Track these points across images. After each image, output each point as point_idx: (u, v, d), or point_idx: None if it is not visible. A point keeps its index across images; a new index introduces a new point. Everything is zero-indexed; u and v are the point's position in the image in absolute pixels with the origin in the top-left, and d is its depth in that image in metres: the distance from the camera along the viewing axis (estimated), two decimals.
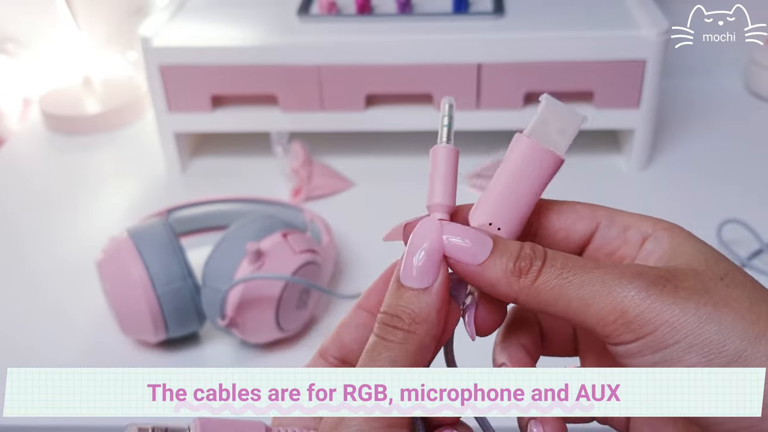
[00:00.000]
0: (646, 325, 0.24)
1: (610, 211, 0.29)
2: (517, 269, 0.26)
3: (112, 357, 0.63)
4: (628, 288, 0.25)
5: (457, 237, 0.27)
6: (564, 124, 0.28)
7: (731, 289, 0.25)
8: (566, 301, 0.26)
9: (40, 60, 1.05)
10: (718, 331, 0.24)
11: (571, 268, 0.26)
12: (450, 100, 0.29)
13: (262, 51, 0.79)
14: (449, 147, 0.28)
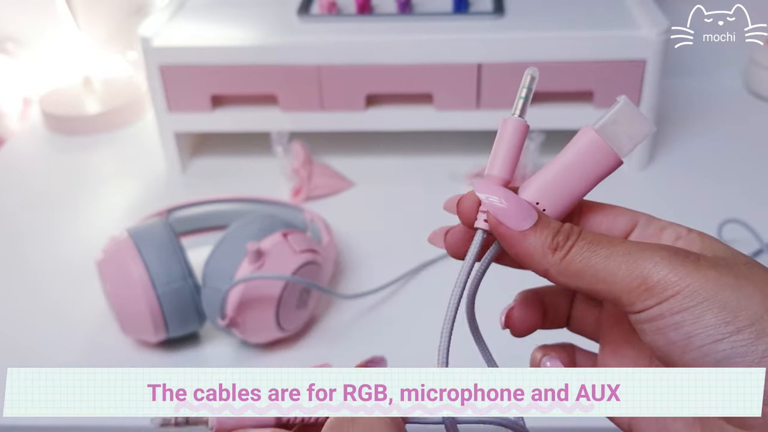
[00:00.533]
0: (668, 288, 0.25)
1: (649, 216, 0.31)
2: (555, 243, 0.28)
3: (112, 357, 0.63)
4: (653, 257, 0.26)
5: (505, 201, 0.28)
6: (634, 130, 0.28)
7: (753, 269, 0.26)
8: (593, 273, 0.27)
9: (40, 60, 1.05)
10: (737, 298, 0.25)
11: (599, 242, 0.27)
12: (533, 71, 0.30)
13: (262, 51, 0.79)
14: (520, 121, 0.29)
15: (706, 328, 0.25)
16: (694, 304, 0.25)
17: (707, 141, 0.91)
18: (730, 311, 0.25)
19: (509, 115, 0.30)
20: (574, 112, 0.81)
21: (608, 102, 0.80)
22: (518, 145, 0.29)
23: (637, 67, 0.77)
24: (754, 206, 0.77)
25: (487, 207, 0.29)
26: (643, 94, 0.79)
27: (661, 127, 0.90)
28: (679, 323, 0.25)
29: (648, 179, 0.84)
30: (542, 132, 0.81)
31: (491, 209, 0.28)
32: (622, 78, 0.78)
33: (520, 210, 0.28)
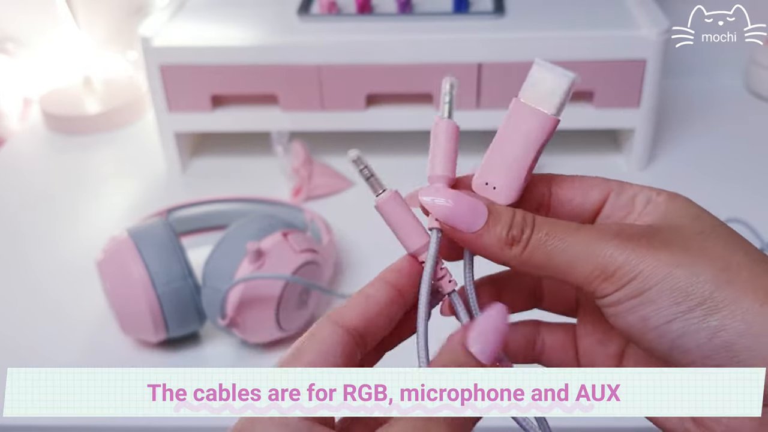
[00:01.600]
0: (625, 275, 0.26)
1: (621, 182, 0.31)
2: (510, 238, 0.28)
3: (112, 357, 0.63)
4: (607, 246, 0.27)
5: (452, 201, 0.28)
6: (553, 85, 0.28)
7: (708, 240, 0.27)
8: (554, 266, 0.27)
9: (40, 60, 1.05)
10: (688, 276, 0.25)
11: (556, 234, 0.27)
12: (451, 80, 0.31)
13: (262, 51, 0.79)
14: (450, 121, 0.30)
15: (660, 310, 0.26)
16: (647, 288, 0.26)
17: (707, 141, 0.91)
18: (681, 291, 0.25)
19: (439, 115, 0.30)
20: (574, 112, 0.81)
21: (609, 102, 0.80)
22: (454, 143, 0.30)
23: (637, 67, 0.77)
24: (755, 206, 0.77)
25: (435, 212, 0.28)
26: (643, 93, 0.79)
27: (661, 126, 0.90)
28: (635, 307, 0.26)
29: (648, 179, 0.84)
30: None
31: (440, 214, 0.28)
32: (622, 78, 0.78)
33: (469, 209, 0.28)
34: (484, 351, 0.27)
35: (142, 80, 1.02)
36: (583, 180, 0.31)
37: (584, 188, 0.30)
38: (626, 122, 0.82)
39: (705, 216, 0.28)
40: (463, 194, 0.29)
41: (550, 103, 0.28)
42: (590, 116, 0.81)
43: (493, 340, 0.27)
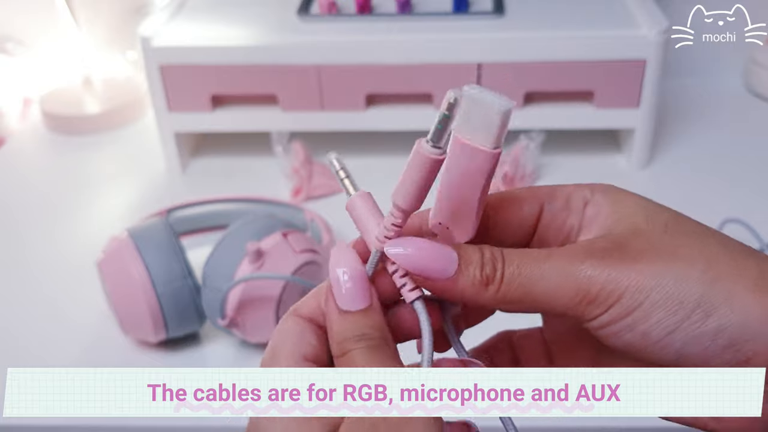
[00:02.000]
0: (610, 295, 0.25)
1: (550, 188, 0.30)
2: (485, 278, 0.27)
3: (112, 357, 0.63)
4: (584, 268, 0.26)
5: (421, 252, 0.27)
6: (485, 118, 0.26)
7: (676, 238, 0.26)
8: (532, 298, 0.26)
9: (40, 60, 1.05)
10: (675, 283, 0.25)
11: (528, 264, 0.26)
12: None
13: (262, 51, 0.79)
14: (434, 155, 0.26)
15: (659, 322, 0.25)
16: (639, 303, 0.25)
17: (707, 141, 0.91)
18: (675, 299, 0.25)
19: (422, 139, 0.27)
20: (574, 112, 0.81)
21: (609, 101, 0.80)
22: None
23: (637, 67, 0.77)
24: (754, 206, 0.77)
25: (404, 263, 0.27)
26: (643, 93, 0.79)
27: (662, 126, 0.90)
28: (632, 325, 0.25)
29: (648, 178, 0.84)
30: (542, 132, 0.81)
31: (409, 265, 0.27)
32: (622, 78, 0.78)
33: (439, 255, 0.27)
34: None
35: (142, 80, 1.02)
36: (513, 198, 0.30)
37: (517, 204, 0.30)
38: (626, 122, 0.82)
39: (655, 210, 0.28)
40: (429, 241, 0.27)
41: (487, 138, 0.26)
42: (590, 116, 0.81)
43: None
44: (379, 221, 0.29)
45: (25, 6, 1.03)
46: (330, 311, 0.28)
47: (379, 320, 0.27)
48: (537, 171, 0.84)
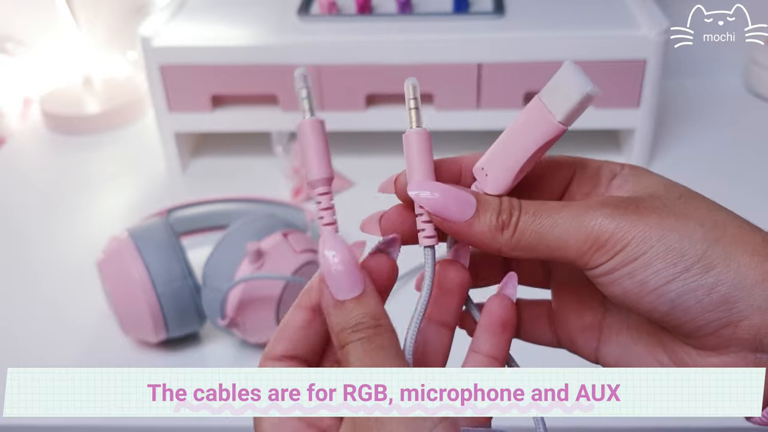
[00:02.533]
0: (617, 243, 0.27)
1: (584, 159, 0.32)
2: (500, 223, 0.28)
3: (112, 357, 0.63)
4: (596, 216, 0.27)
5: (438, 193, 0.29)
6: (569, 92, 0.28)
7: (689, 204, 0.28)
8: (545, 244, 0.28)
9: (40, 60, 1.05)
10: (680, 239, 0.26)
11: (543, 212, 0.28)
12: (414, 81, 0.31)
13: (262, 51, 0.79)
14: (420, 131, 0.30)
15: (657, 272, 0.26)
16: (642, 252, 0.26)
17: (707, 141, 0.91)
18: (677, 252, 0.26)
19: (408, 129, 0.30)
20: None
21: (609, 101, 0.80)
22: (429, 153, 0.30)
23: (637, 67, 0.77)
24: (754, 206, 0.77)
25: (424, 204, 0.29)
26: (643, 93, 0.79)
27: (662, 126, 0.90)
28: (632, 272, 0.27)
29: None
30: None
31: (429, 206, 0.29)
32: (622, 78, 0.78)
33: (457, 199, 0.29)
34: None
35: (142, 80, 1.02)
36: (552, 160, 0.31)
37: (551, 169, 0.31)
38: (626, 122, 0.82)
39: (674, 184, 0.29)
40: (451, 186, 0.29)
41: (561, 110, 0.28)
42: (590, 116, 0.81)
43: None
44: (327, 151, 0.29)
45: (25, 6, 1.03)
46: (326, 304, 0.28)
47: (374, 305, 0.28)
48: None
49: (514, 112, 0.81)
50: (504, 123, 0.91)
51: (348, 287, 0.28)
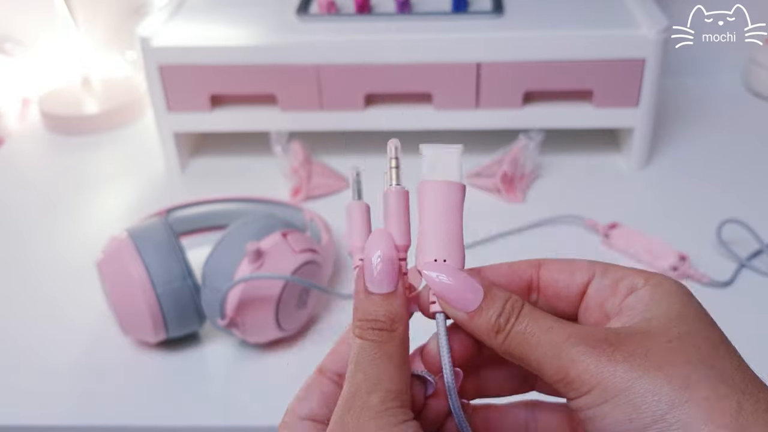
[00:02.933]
0: (584, 385, 0.26)
1: (605, 264, 0.31)
2: (497, 325, 0.28)
3: (112, 357, 0.63)
4: (570, 352, 0.27)
5: (452, 281, 0.29)
6: (447, 160, 0.31)
7: (675, 351, 0.26)
8: (528, 361, 0.28)
9: (39, 60, 1.05)
10: (643, 394, 0.25)
11: (533, 330, 0.28)
12: (395, 142, 0.33)
13: (261, 50, 0.79)
14: (399, 189, 0.31)
15: (614, 425, 0.26)
16: (603, 401, 0.26)
17: (707, 140, 0.91)
18: (635, 408, 0.25)
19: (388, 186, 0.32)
20: (573, 112, 0.81)
21: (608, 101, 0.80)
22: (406, 211, 0.31)
23: (636, 66, 0.77)
24: (754, 206, 0.77)
25: (436, 287, 0.29)
26: (643, 93, 0.79)
27: (661, 126, 0.90)
28: (593, 418, 0.26)
29: (647, 178, 0.84)
30: (542, 131, 0.81)
31: (440, 290, 0.29)
32: (622, 77, 0.78)
33: (468, 288, 0.29)
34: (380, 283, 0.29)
35: (141, 80, 1.02)
36: (570, 263, 0.31)
37: (570, 270, 0.31)
38: (625, 122, 0.82)
39: (687, 313, 0.28)
40: (464, 275, 0.29)
41: (452, 174, 0.30)
42: (589, 116, 0.81)
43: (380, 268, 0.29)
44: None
45: (24, 6, 1.03)
46: (357, 291, 0.30)
47: (397, 308, 0.29)
48: (536, 170, 0.84)
49: (514, 111, 0.81)
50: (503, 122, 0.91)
51: (381, 282, 0.29)
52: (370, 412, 0.27)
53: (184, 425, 0.58)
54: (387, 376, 0.28)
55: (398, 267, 0.30)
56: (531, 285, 0.31)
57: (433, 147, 0.31)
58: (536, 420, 0.33)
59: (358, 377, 0.28)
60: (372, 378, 0.28)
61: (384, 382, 0.28)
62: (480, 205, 0.80)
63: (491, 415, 0.33)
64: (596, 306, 0.30)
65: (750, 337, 0.63)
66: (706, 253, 0.71)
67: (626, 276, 0.30)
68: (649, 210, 0.79)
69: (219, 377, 0.62)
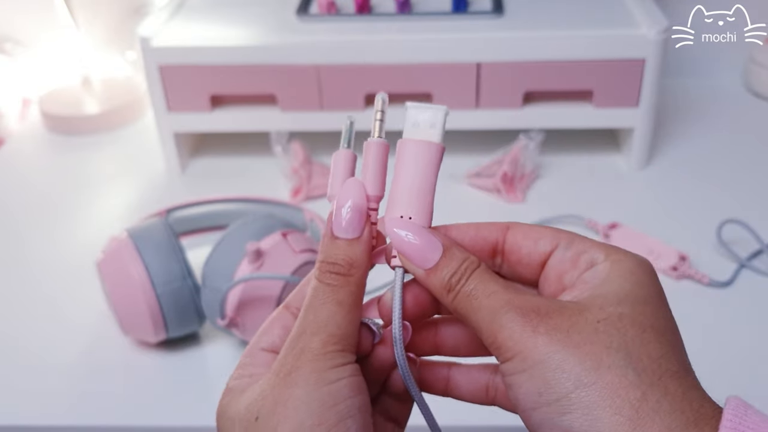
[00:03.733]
0: (507, 351, 0.27)
1: (572, 236, 0.31)
2: (449, 284, 0.29)
3: (112, 357, 0.63)
4: (504, 317, 0.27)
5: (413, 237, 0.30)
6: (431, 119, 0.31)
7: (598, 332, 0.26)
8: (469, 322, 0.29)
9: (40, 60, 1.05)
10: (554, 369, 0.25)
11: (477, 293, 0.28)
12: (384, 96, 0.33)
13: (261, 51, 0.79)
14: (380, 141, 0.32)
15: (526, 395, 0.26)
16: (520, 371, 0.26)
17: (707, 140, 0.91)
18: (546, 382, 0.25)
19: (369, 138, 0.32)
20: (573, 111, 0.81)
21: (608, 101, 0.80)
22: (383, 163, 0.31)
23: (636, 66, 0.77)
24: (754, 206, 0.77)
25: (399, 244, 0.30)
26: (643, 93, 0.79)
27: (661, 126, 0.90)
28: (511, 385, 0.27)
29: (647, 178, 0.84)
30: (541, 131, 0.81)
31: (402, 246, 0.30)
32: (622, 77, 0.78)
33: (429, 246, 0.29)
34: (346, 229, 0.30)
35: (141, 80, 1.02)
36: (535, 229, 0.31)
37: (535, 238, 0.31)
38: (625, 122, 0.82)
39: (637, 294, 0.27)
40: (427, 231, 0.30)
41: (433, 135, 0.31)
42: (589, 116, 0.81)
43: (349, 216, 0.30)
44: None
45: (25, 6, 1.03)
46: (324, 234, 0.30)
47: (359, 254, 0.30)
48: (536, 170, 0.84)
49: (514, 111, 0.81)
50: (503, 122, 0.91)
51: (347, 228, 0.30)
52: (309, 354, 0.28)
53: (184, 425, 0.58)
54: (333, 320, 0.29)
55: (366, 216, 0.30)
56: (496, 248, 0.31)
57: (418, 105, 0.31)
58: (496, 385, 0.33)
59: (308, 319, 0.29)
60: (319, 321, 0.29)
61: (329, 326, 0.29)
62: (480, 205, 0.80)
63: (452, 374, 0.34)
64: (555, 277, 0.30)
65: (750, 337, 0.63)
66: (706, 253, 0.71)
67: (588, 249, 0.29)
68: (649, 210, 0.79)
69: (219, 377, 0.62)
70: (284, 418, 0.27)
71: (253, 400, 0.29)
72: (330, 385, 0.28)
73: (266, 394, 0.28)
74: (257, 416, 0.28)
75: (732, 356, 0.60)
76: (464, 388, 0.33)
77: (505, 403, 0.33)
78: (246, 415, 0.28)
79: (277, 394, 0.28)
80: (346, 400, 0.28)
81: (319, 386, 0.28)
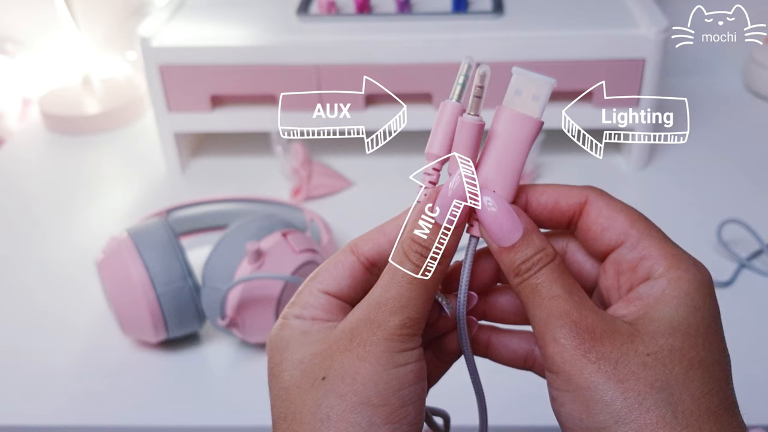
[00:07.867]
0: (554, 366, 0.27)
1: (641, 234, 0.30)
2: (519, 269, 0.29)
3: (112, 357, 0.63)
4: (558, 331, 0.27)
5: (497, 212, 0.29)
6: (536, 91, 0.30)
7: (646, 368, 0.26)
8: (527, 309, 0.29)
9: (40, 60, 1.05)
10: (597, 401, 0.26)
11: (540, 291, 0.28)
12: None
13: (261, 51, 0.79)
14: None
15: (568, 416, 0.27)
16: (564, 390, 0.27)
17: (707, 140, 0.91)
18: (587, 409, 0.26)
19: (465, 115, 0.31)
20: (573, 112, 0.81)
21: (607, 101, 0.80)
22: (477, 145, 0.30)
23: (636, 66, 0.77)
24: (754, 206, 0.77)
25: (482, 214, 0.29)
26: (643, 93, 0.79)
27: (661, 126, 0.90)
28: (555, 398, 0.28)
29: (647, 178, 0.84)
30: (542, 131, 0.81)
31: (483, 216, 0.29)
32: (622, 77, 0.78)
33: (510, 224, 0.29)
34: None
35: (141, 80, 1.02)
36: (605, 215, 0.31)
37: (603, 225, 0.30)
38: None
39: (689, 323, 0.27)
40: (512, 210, 0.29)
41: (534, 108, 0.30)
42: (590, 115, 0.81)
43: None
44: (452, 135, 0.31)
45: (25, 6, 1.03)
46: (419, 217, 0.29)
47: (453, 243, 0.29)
48: (536, 170, 0.84)
49: None
50: None
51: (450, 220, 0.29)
52: (385, 332, 0.28)
53: (184, 425, 0.58)
54: (415, 304, 0.28)
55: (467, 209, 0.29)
56: (571, 222, 0.31)
57: (525, 73, 0.30)
58: (534, 357, 0.33)
59: (390, 293, 0.29)
60: (402, 300, 0.28)
61: (409, 309, 0.28)
62: None
63: (492, 338, 0.34)
64: (614, 273, 0.30)
65: (750, 337, 0.63)
66: (706, 253, 0.71)
67: (650, 256, 0.29)
68: (649, 210, 0.79)
69: (219, 377, 0.62)
70: (353, 391, 0.27)
71: (319, 353, 0.29)
72: (398, 368, 0.28)
73: (335, 356, 0.28)
74: (324, 376, 0.28)
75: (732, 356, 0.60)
76: (504, 352, 0.34)
77: (540, 372, 0.33)
78: (311, 367, 0.28)
79: (347, 363, 0.28)
80: (411, 386, 0.28)
81: (388, 368, 0.28)
